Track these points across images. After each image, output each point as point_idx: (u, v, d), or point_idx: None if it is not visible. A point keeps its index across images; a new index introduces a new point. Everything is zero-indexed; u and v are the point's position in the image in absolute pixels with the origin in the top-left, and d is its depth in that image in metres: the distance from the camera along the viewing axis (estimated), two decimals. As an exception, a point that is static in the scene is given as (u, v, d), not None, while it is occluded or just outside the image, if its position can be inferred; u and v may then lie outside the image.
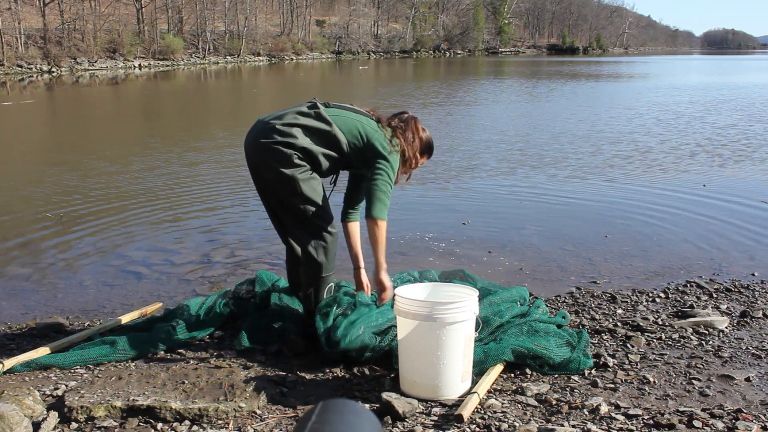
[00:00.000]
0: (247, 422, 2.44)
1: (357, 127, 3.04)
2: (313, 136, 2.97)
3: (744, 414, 2.46)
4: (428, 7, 78.27)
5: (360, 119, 3.07)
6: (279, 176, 2.95)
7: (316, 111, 3.01)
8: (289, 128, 2.95)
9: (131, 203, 6.55)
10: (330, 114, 3.03)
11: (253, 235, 5.36)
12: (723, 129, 11.61)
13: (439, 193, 6.90)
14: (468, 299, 2.66)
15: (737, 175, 7.79)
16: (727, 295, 3.96)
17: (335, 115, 3.04)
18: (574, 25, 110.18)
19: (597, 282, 4.27)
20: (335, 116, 3.04)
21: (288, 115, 3.00)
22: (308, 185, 2.98)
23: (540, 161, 8.63)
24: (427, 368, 2.63)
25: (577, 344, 3.03)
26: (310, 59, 55.92)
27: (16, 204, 6.62)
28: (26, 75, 32.48)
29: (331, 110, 3.06)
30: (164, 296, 4.05)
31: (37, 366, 2.93)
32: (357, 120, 3.06)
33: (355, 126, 3.04)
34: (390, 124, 3.13)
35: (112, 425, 2.39)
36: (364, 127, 3.04)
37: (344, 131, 3.01)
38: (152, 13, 45.47)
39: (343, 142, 3.00)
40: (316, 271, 3.08)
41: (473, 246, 5.02)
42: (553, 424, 2.41)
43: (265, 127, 3.00)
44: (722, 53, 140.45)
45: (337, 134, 2.99)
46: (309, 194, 2.98)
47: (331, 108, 3.08)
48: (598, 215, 6.00)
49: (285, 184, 2.96)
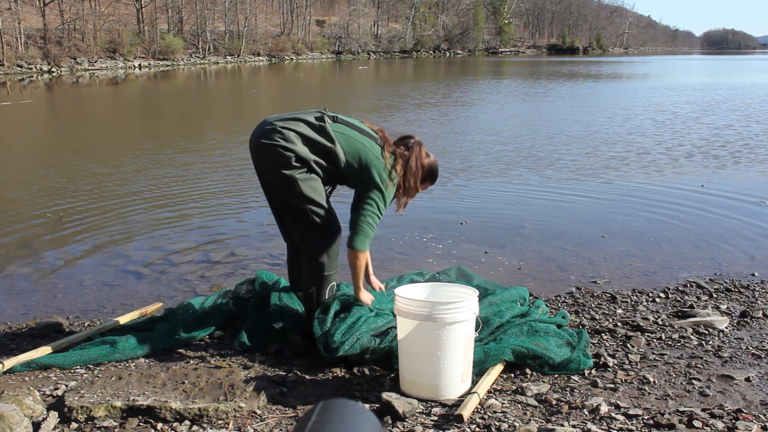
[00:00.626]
0: (247, 422, 2.44)
1: (359, 150, 3.01)
2: (311, 146, 2.97)
3: (744, 414, 2.46)
4: (428, 7, 78.26)
5: (364, 142, 3.03)
6: (279, 176, 2.96)
7: (321, 125, 2.99)
8: (288, 132, 2.95)
9: (131, 203, 6.55)
10: (335, 130, 3.01)
11: (253, 235, 5.36)
12: (721, 129, 11.61)
13: (437, 194, 6.90)
14: (468, 299, 2.66)
15: (736, 175, 7.79)
16: (727, 295, 3.96)
17: (340, 132, 3.01)
18: (574, 25, 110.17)
19: (597, 282, 4.27)
20: (340, 133, 3.01)
21: (292, 120, 3.00)
22: (308, 185, 2.98)
23: (538, 162, 8.63)
24: (427, 368, 2.63)
25: (577, 344, 3.03)
26: (310, 59, 55.92)
27: (16, 204, 6.62)
28: (26, 75, 32.48)
29: (338, 126, 3.03)
30: (164, 296, 4.05)
31: (37, 366, 2.93)
32: (361, 143, 3.03)
33: (357, 149, 3.01)
34: (394, 152, 3.09)
35: (112, 425, 2.39)
36: (366, 152, 3.01)
37: (345, 151, 2.99)
38: (152, 13, 45.47)
39: (341, 161, 3.00)
40: (318, 270, 3.08)
41: (472, 246, 5.02)
42: (553, 424, 2.41)
43: (268, 127, 3.00)
44: (722, 53, 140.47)
45: (337, 152, 2.98)
46: (309, 194, 2.99)
47: (337, 123, 3.04)
48: (598, 215, 6.00)
49: (285, 184, 2.97)
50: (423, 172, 3.16)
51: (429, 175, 3.22)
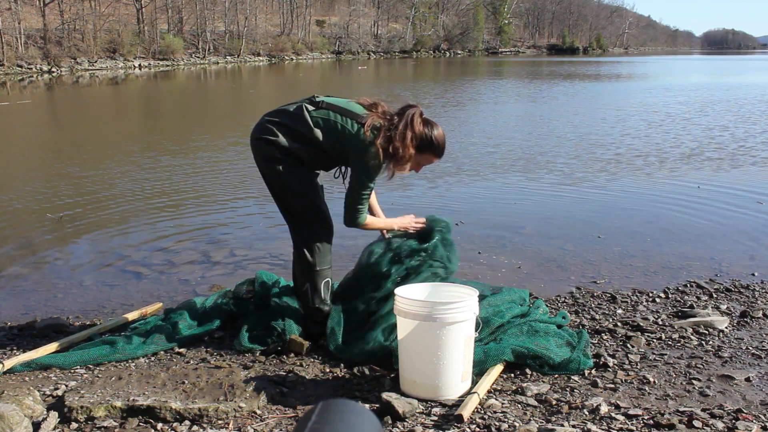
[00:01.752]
0: (247, 422, 2.44)
1: (336, 132, 2.97)
2: (291, 135, 2.99)
3: (744, 414, 2.46)
4: (428, 7, 78.27)
5: (344, 123, 2.97)
6: (267, 170, 3.04)
7: (297, 113, 3.00)
8: (269, 126, 3.01)
9: (131, 203, 6.55)
10: (318, 115, 2.99)
11: (253, 235, 5.36)
12: (719, 129, 11.61)
13: (437, 195, 6.90)
14: (468, 299, 2.66)
15: (737, 175, 7.78)
16: (727, 295, 3.96)
17: (322, 117, 2.99)
18: (574, 25, 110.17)
19: (597, 282, 4.27)
20: (321, 118, 2.98)
21: (275, 113, 3.06)
22: (297, 179, 3.02)
23: (538, 162, 8.63)
24: (427, 368, 2.63)
25: (577, 344, 3.03)
26: (310, 59, 55.92)
27: (16, 204, 6.62)
28: (26, 75, 32.48)
29: (320, 111, 3.00)
30: (164, 296, 4.05)
31: (37, 366, 2.93)
32: (340, 124, 2.97)
33: (335, 131, 2.97)
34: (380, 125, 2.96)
35: (112, 425, 2.39)
36: (342, 133, 2.96)
37: (325, 135, 2.97)
38: (152, 13, 45.48)
39: (324, 144, 2.99)
40: (308, 265, 3.10)
41: (472, 245, 5.01)
42: (553, 424, 2.41)
43: (257, 124, 3.09)
44: (722, 53, 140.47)
45: (317, 137, 2.97)
46: (298, 188, 3.02)
47: (321, 109, 3.00)
48: (598, 216, 5.99)
49: (275, 179, 3.04)
50: (415, 138, 2.97)
51: (426, 144, 3.01)
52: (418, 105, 3.09)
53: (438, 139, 3.05)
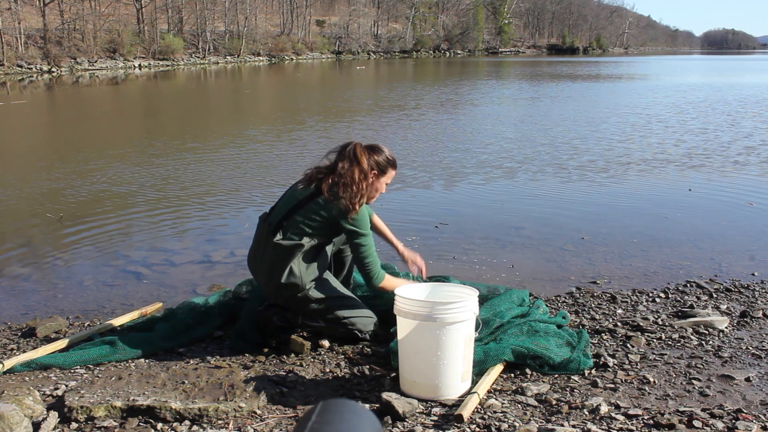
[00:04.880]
0: (247, 422, 2.44)
1: (312, 227, 2.99)
2: (295, 271, 3.02)
3: (744, 414, 2.46)
4: (428, 7, 78.30)
5: (306, 212, 2.99)
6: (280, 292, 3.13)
7: (274, 262, 3.02)
8: (275, 291, 3.11)
9: (131, 203, 6.55)
10: (285, 234, 3.00)
11: (253, 235, 5.34)
12: (718, 130, 11.61)
13: (436, 194, 6.90)
14: (468, 299, 2.66)
15: (737, 175, 7.78)
16: (727, 295, 3.96)
17: (291, 231, 2.99)
18: (574, 25, 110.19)
19: (597, 282, 4.27)
20: (291, 232, 2.99)
21: (260, 272, 3.15)
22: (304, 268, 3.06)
23: (536, 163, 8.63)
24: (427, 368, 2.63)
25: (577, 344, 3.03)
26: (310, 59, 55.93)
27: (16, 204, 6.62)
28: (26, 75, 32.48)
29: (285, 229, 3.01)
30: (164, 296, 4.05)
31: (37, 366, 2.93)
32: (304, 217, 2.99)
33: (310, 227, 2.99)
34: (328, 189, 2.96)
35: (112, 425, 2.39)
36: (317, 215, 2.98)
37: (309, 234, 2.99)
38: (152, 13, 45.49)
39: (315, 236, 3.02)
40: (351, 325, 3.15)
41: (472, 246, 5.01)
42: (553, 424, 2.41)
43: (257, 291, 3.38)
44: (722, 53, 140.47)
45: (301, 246, 2.99)
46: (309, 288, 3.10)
47: (282, 227, 3.02)
48: (598, 216, 6.00)
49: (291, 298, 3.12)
50: (361, 174, 2.99)
51: (382, 167, 3.08)
52: (348, 144, 3.08)
53: (388, 157, 3.13)
